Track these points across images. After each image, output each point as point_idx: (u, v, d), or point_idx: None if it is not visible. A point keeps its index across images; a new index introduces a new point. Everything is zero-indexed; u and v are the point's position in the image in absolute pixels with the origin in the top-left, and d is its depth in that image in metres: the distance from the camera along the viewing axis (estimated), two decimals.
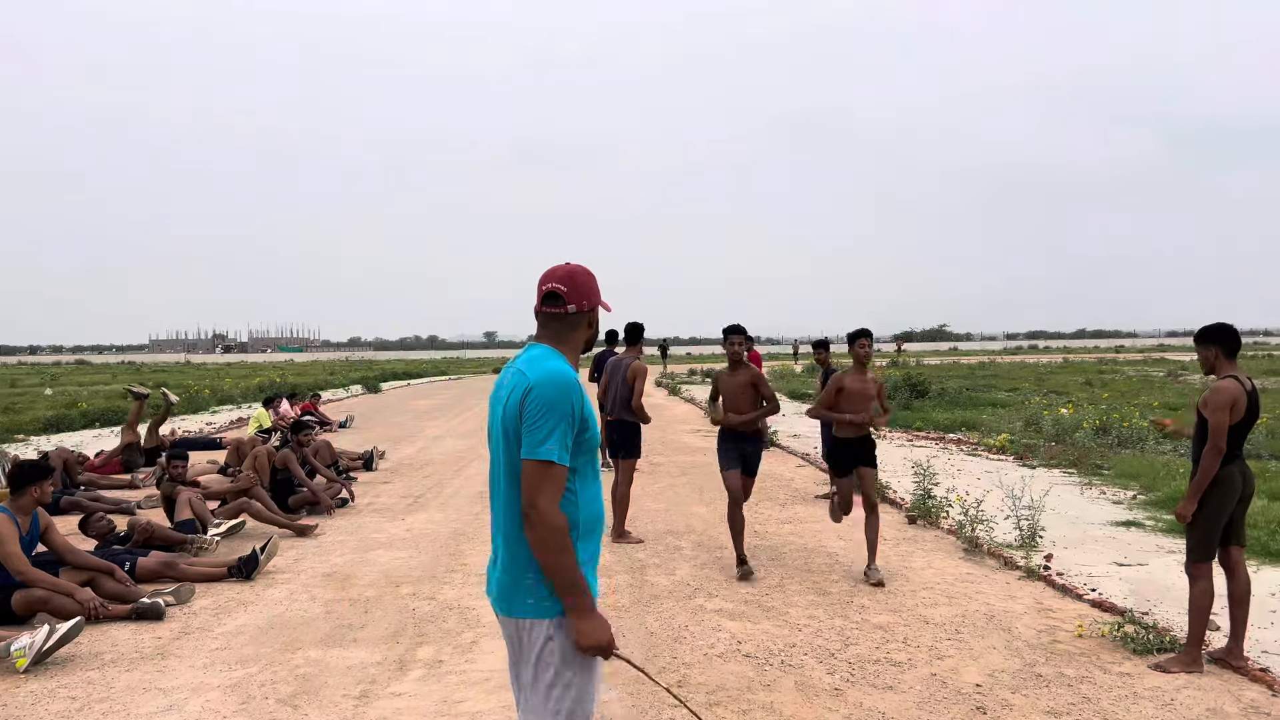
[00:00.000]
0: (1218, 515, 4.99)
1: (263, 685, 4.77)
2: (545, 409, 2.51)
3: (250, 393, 29.13)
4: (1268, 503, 8.86)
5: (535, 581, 2.55)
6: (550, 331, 2.72)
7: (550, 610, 2.54)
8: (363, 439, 16.33)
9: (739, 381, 7.03)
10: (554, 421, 2.50)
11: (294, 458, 9.61)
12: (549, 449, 2.49)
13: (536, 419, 2.50)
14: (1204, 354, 5.17)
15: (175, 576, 6.74)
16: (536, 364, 2.62)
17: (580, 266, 2.76)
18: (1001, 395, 24.35)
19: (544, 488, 2.48)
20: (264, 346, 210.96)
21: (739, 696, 4.60)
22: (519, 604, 2.57)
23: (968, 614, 5.95)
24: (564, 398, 2.53)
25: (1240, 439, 5.00)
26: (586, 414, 2.60)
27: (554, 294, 2.70)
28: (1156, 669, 4.91)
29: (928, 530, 8.56)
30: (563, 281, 2.70)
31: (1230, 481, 4.98)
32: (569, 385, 2.56)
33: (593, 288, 2.74)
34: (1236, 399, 4.93)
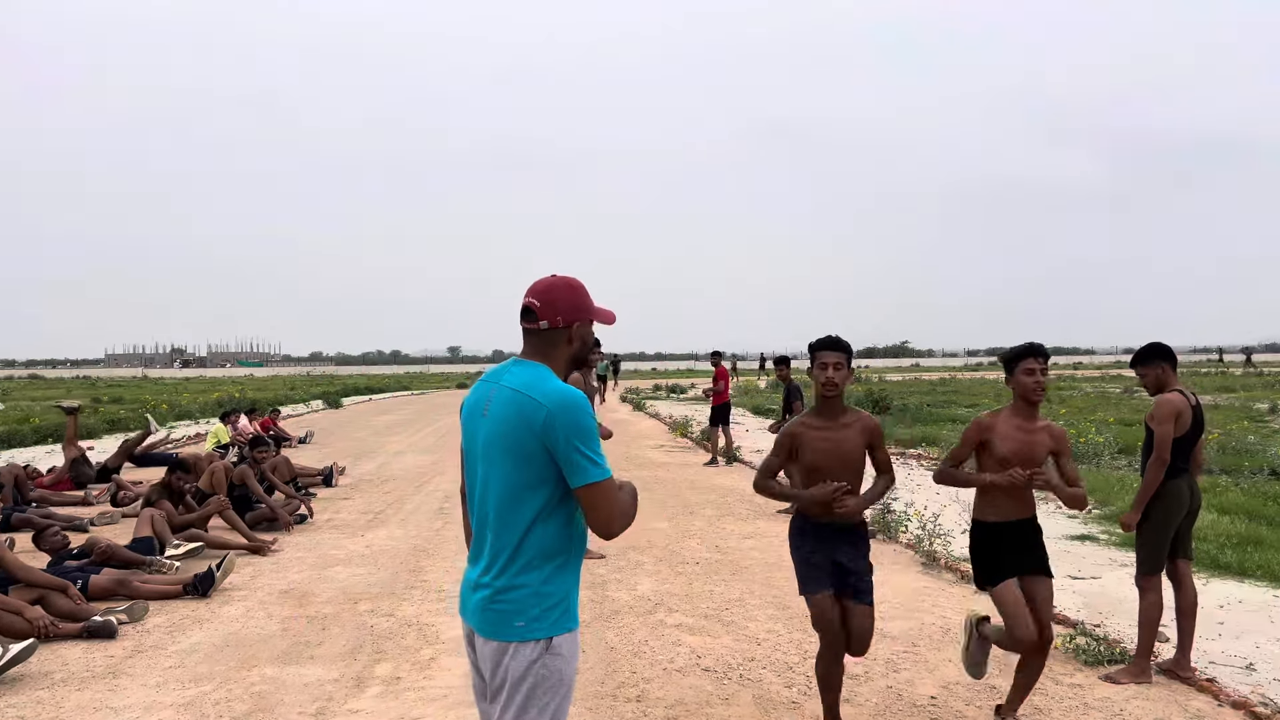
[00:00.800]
0: (1165, 528, 5.10)
1: (217, 704, 4.71)
2: (584, 430, 2.46)
3: (209, 408, 28.75)
4: (1217, 516, 9.05)
5: (524, 603, 2.48)
6: (531, 348, 2.64)
7: (539, 631, 2.47)
8: (323, 455, 16.18)
9: (844, 440, 4.13)
10: (590, 439, 2.47)
11: (252, 474, 9.52)
12: (600, 469, 2.45)
13: (576, 444, 2.44)
14: (1152, 373, 5.29)
15: (129, 594, 6.64)
16: (542, 385, 2.52)
17: (563, 279, 2.66)
18: (962, 411, 24.62)
19: (604, 502, 2.47)
20: (223, 361, 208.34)
21: (698, 710, 4.62)
22: (507, 627, 2.49)
23: (924, 627, 6.02)
24: (588, 414, 2.50)
25: (1186, 453, 5.12)
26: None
27: (529, 309, 2.62)
28: (1107, 680, 5.00)
29: (887, 544, 8.63)
30: (538, 296, 2.62)
31: (1178, 495, 5.09)
32: (585, 402, 2.51)
33: (574, 303, 2.63)
34: (1181, 411, 5.06)
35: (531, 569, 2.50)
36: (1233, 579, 7.27)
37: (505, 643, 2.49)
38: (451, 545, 8.51)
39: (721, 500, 11.23)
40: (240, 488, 9.42)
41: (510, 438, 2.52)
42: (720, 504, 10.95)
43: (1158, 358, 5.29)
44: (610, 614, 6.33)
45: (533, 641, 2.48)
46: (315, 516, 10.05)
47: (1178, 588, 5.19)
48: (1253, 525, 8.80)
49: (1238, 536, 8.25)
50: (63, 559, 7.13)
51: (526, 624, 2.48)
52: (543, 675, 2.47)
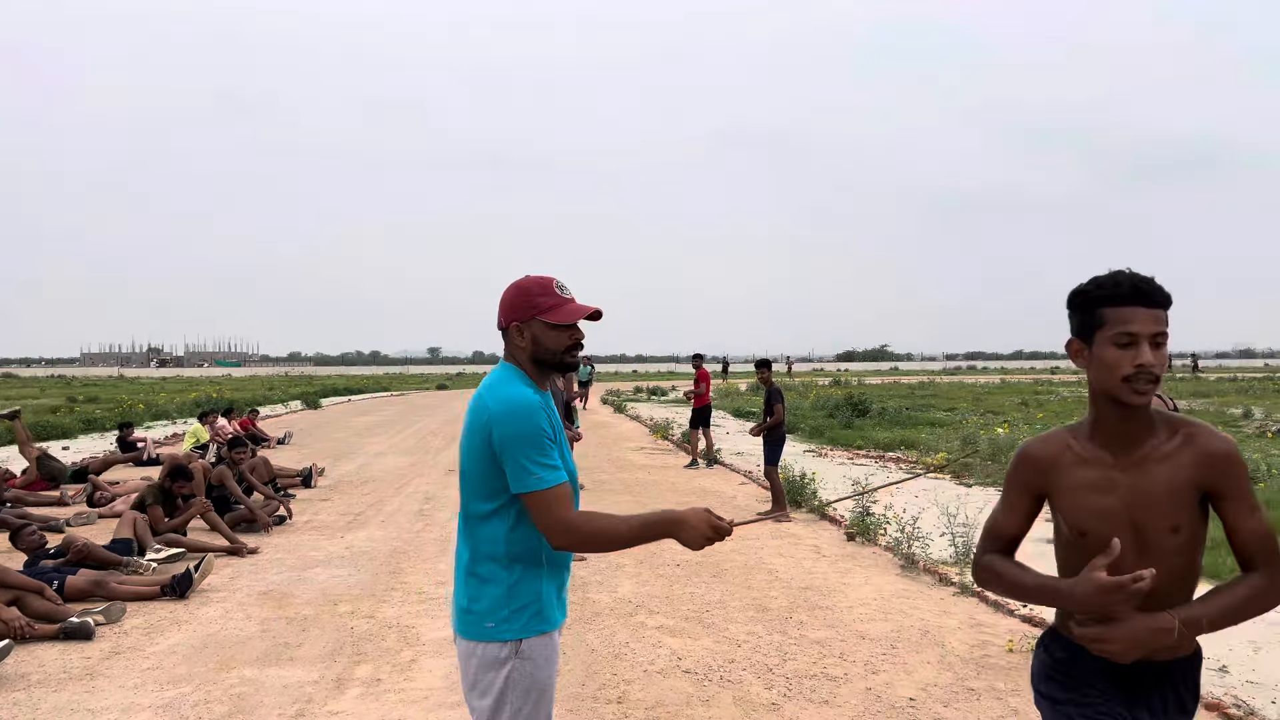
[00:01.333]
0: None
1: (196, 705, 4.69)
2: (523, 439, 2.42)
3: (186, 408, 28.56)
4: None
5: (494, 603, 2.48)
6: (505, 350, 2.67)
7: (506, 633, 2.47)
8: (302, 456, 16.10)
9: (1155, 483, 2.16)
10: (538, 447, 2.44)
11: (230, 474, 9.46)
12: (547, 477, 2.42)
13: (514, 449, 2.42)
14: None
15: (106, 595, 6.59)
16: (495, 389, 2.53)
17: (524, 279, 2.65)
18: (940, 415, 24.79)
19: (557, 512, 2.42)
20: (201, 361, 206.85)
21: (678, 712, 4.63)
22: (476, 627, 2.49)
23: (903, 629, 6.06)
24: (536, 421, 2.46)
25: None
26: (557, 432, 2.54)
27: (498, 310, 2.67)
28: None
29: (866, 547, 8.69)
30: (501, 297, 2.65)
31: None
32: (534, 408, 2.47)
33: (518, 302, 2.60)
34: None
35: (500, 570, 2.49)
36: (1206, 582, 7.32)
37: (474, 643, 2.50)
38: (431, 547, 8.49)
39: (702, 502, 11.23)
40: (219, 488, 9.37)
41: (467, 439, 2.54)
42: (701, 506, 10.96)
43: None
44: (591, 616, 6.34)
45: (500, 643, 2.47)
46: (294, 518, 10.00)
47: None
48: None
49: (1211, 540, 8.32)
50: (39, 559, 7.07)
51: (496, 625, 2.48)
52: (513, 679, 2.46)
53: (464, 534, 2.58)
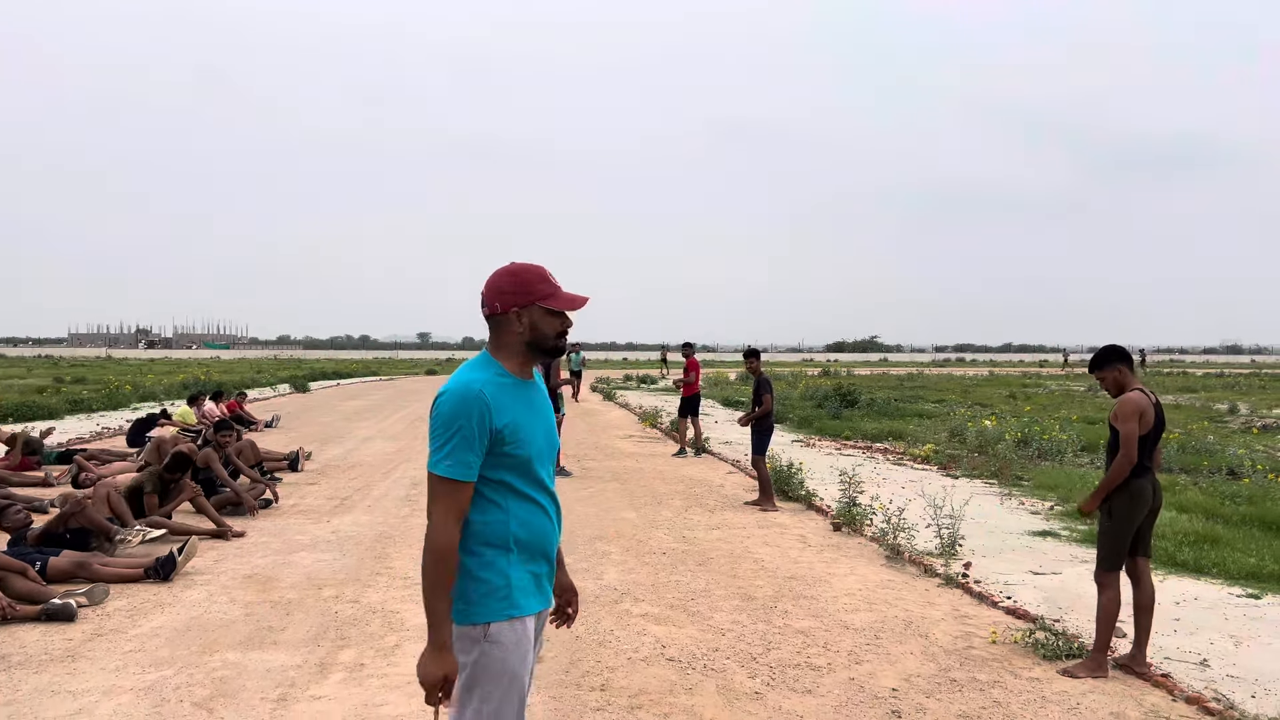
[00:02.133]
0: (1128, 525, 5.19)
1: (177, 688, 4.67)
2: (441, 421, 2.50)
3: (174, 389, 28.41)
4: (1175, 515, 9.20)
5: (460, 588, 2.51)
6: (490, 335, 2.68)
7: (476, 616, 2.49)
8: (289, 439, 16.05)
9: None
10: (448, 434, 2.47)
11: (216, 457, 9.42)
12: (439, 463, 2.47)
13: (434, 431, 2.51)
14: (1110, 375, 5.38)
15: (89, 576, 6.56)
16: (456, 374, 2.61)
17: (509, 265, 2.67)
18: (928, 406, 24.85)
19: (435, 502, 2.48)
20: (189, 343, 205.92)
21: (661, 700, 4.64)
22: (455, 610, 2.52)
23: (887, 620, 6.08)
24: (460, 410, 2.48)
25: (1149, 451, 5.21)
26: (499, 427, 2.51)
27: (481, 297, 2.66)
28: (1064, 674, 5.07)
29: (851, 537, 8.71)
30: (486, 284, 2.65)
31: (1142, 493, 5.18)
32: (467, 397, 2.49)
33: (508, 288, 2.61)
34: (1144, 409, 5.15)
35: (469, 554, 2.53)
36: (1189, 576, 7.40)
37: (454, 625, 2.54)
38: (418, 532, 8.47)
39: (689, 491, 11.27)
40: (204, 471, 9.32)
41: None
42: (688, 494, 10.99)
43: (1114, 360, 5.39)
44: None
45: (470, 625, 2.51)
46: (280, 501, 9.97)
47: (1136, 584, 5.28)
48: (1210, 524, 8.95)
49: (1195, 535, 8.39)
50: (23, 538, 7.03)
51: (465, 608, 2.52)
52: (482, 663, 2.50)
53: None
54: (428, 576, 2.45)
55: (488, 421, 2.49)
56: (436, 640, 2.45)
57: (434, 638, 2.46)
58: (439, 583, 2.45)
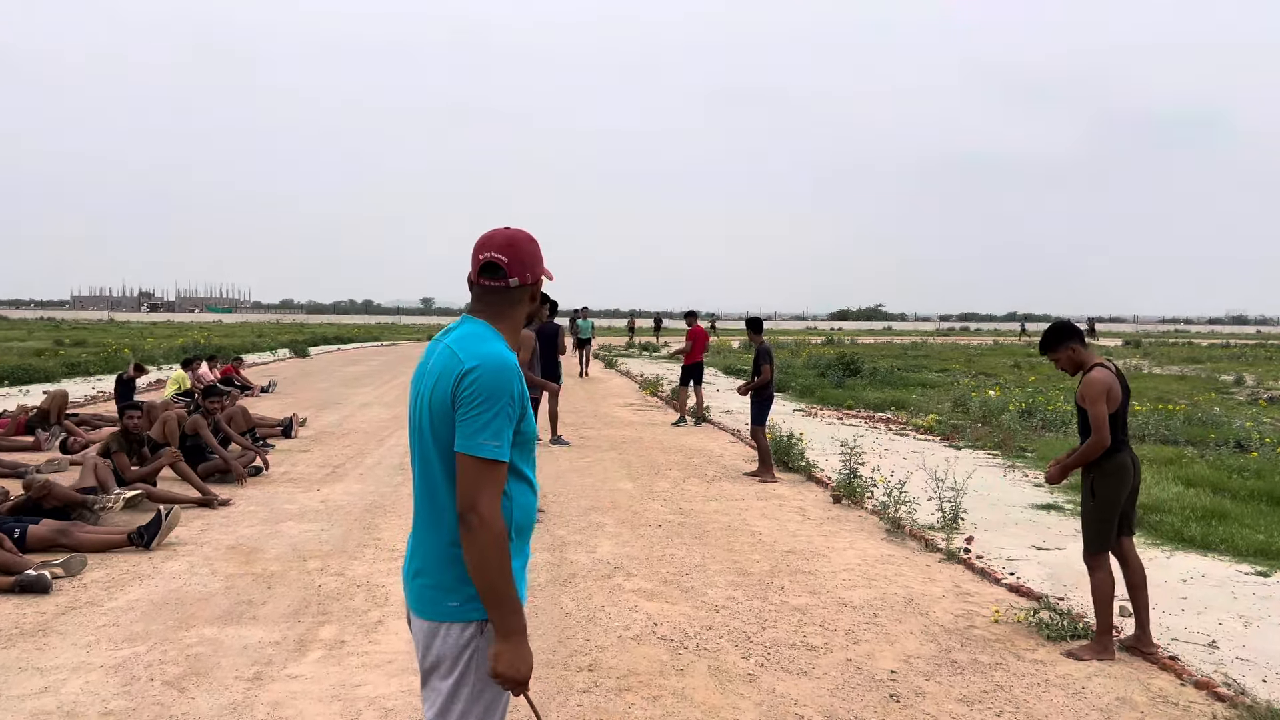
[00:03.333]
0: (1113, 505, 5.02)
1: (149, 665, 4.51)
2: (485, 397, 2.22)
3: (173, 353, 28.25)
4: (1182, 489, 9.01)
5: (459, 580, 2.28)
6: (487, 306, 2.42)
7: (474, 613, 2.28)
8: (285, 405, 15.88)
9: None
10: (494, 411, 2.23)
11: (204, 424, 9.24)
12: (489, 444, 2.21)
13: (474, 408, 2.23)
14: (1064, 355, 5.19)
15: (70, 545, 6.40)
16: (472, 344, 2.32)
17: (522, 232, 2.45)
18: (932, 376, 24.64)
19: (485, 487, 2.20)
20: (192, 306, 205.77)
21: (650, 682, 4.47)
22: (439, 606, 2.30)
23: (886, 597, 5.91)
24: (505, 384, 2.25)
25: (1123, 424, 5.03)
26: (526, 403, 2.34)
27: (493, 264, 2.38)
28: (1069, 656, 4.91)
29: (852, 510, 8.54)
30: (503, 250, 2.38)
31: (1123, 469, 5.01)
32: (510, 370, 2.28)
33: (536, 256, 2.42)
34: (1111, 386, 4.96)
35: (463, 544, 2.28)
36: (1196, 553, 7.22)
37: (437, 623, 2.30)
38: (409, 502, 8.28)
39: (688, 461, 11.10)
40: (193, 438, 9.15)
41: (436, 400, 2.32)
42: (686, 465, 10.81)
43: (1064, 338, 5.20)
44: (567, 578, 6.17)
45: (464, 623, 2.28)
46: (271, 469, 9.80)
47: (1124, 564, 5.13)
48: (1217, 498, 8.77)
49: (1202, 510, 8.21)
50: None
51: (461, 604, 2.28)
52: (477, 660, 2.28)
53: (426, 504, 2.36)
54: (497, 568, 2.20)
55: (519, 397, 2.30)
56: (519, 627, 2.24)
57: (515, 625, 2.23)
58: (508, 568, 2.23)
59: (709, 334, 18.36)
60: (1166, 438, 13.08)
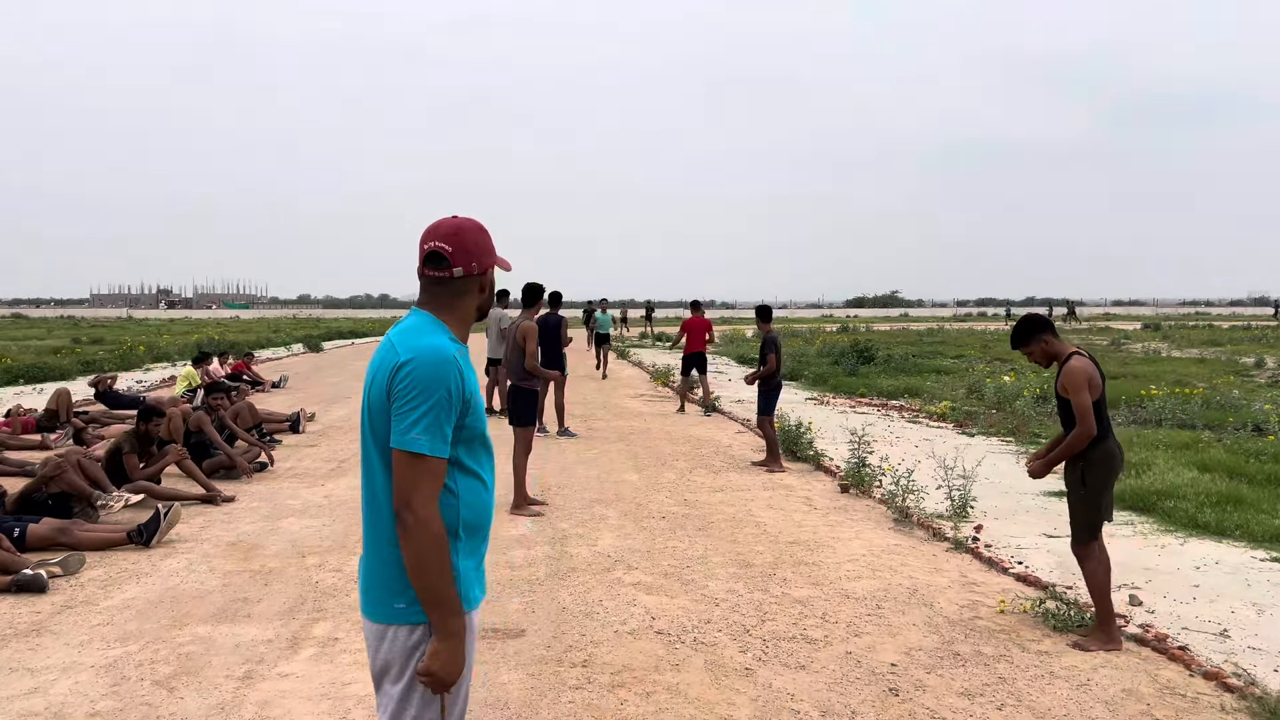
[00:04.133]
0: (1102, 493, 4.93)
1: (140, 665, 4.47)
2: (419, 390, 2.16)
3: (188, 350, 28.36)
4: (1197, 474, 8.85)
5: (404, 582, 2.20)
6: (432, 298, 2.35)
7: (419, 615, 2.20)
8: (295, 400, 15.88)
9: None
10: (428, 405, 2.15)
11: (208, 420, 9.22)
12: (421, 439, 2.14)
13: (407, 402, 2.16)
14: (1037, 348, 5.09)
15: (70, 543, 6.37)
16: (409, 337, 2.26)
17: (470, 221, 2.37)
18: (947, 362, 24.44)
19: (418, 484, 2.14)
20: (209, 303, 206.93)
21: (644, 677, 4.39)
22: (386, 608, 2.23)
23: (890, 588, 5.81)
24: (440, 377, 2.17)
25: (1103, 414, 4.93)
26: (468, 396, 2.25)
27: (437, 254, 2.31)
28: (1075, 646, 4.80)
29: (859, 499, 8.43)
30: (447, 240, 2.32)
31: (1112, 457, 4.94)
32: (445, 362, 2.19)
33: (485, 246, 2.36)
34: (1091, 374, 4.88)
35: None
36: (1211, 539, 7.08)
37: (384, 625, 2.23)
38: None
39: (695, 452, 11.01)
40: (197, 434, 9.14)
41: (374, 394, 2.25)
42: (694, 455, 10.73)
43: (1036, 331, 5.11)
44: (567, 571, 6.10)
45: (411, 625, 2.21)
46: (277, 464, 9.78)
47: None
48: (1233, 483, 8.61)
49: (1217, 495, 8.05)
50: (1, 504, 6.85)
51: (408, 605, 2.20)
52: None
53: (369, 502, 2.29)
54: (433, 567, 2.13)
55: (457, 390, 2.21)
56: (457, 629, 2.17)
57: (454, 627, 2.16)
58: (447, 568, 2.16)
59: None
60: (1184, 422, 12.88)
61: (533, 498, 8.04)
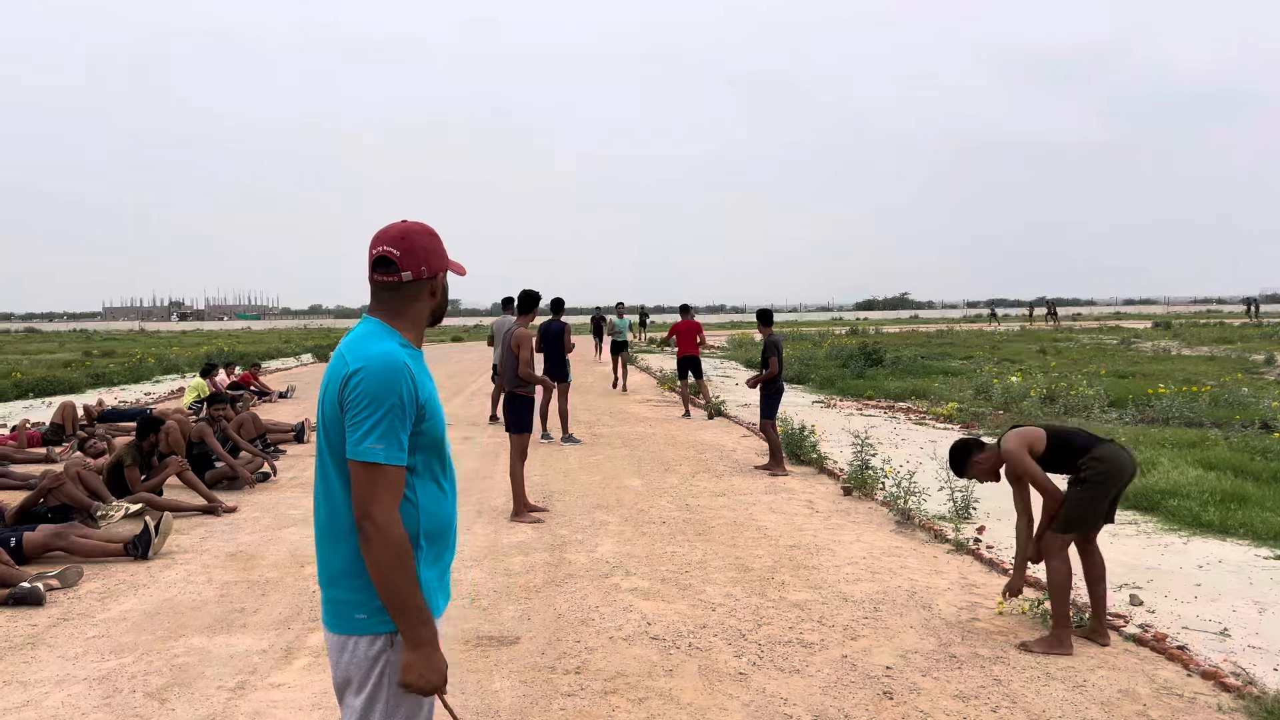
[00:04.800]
0: (1100, 497, 4.91)
1: (133, 677, 4.47)
2: (370, 399, 2.14)
3: (198, 361, 28.45)
4: (1202, 473, 8.78)
5: (364, 592, 2.18)
6: (381, 304, 2.33)
7: (381, 625, 2.19)
8: (302, 409, 15.91)
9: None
10: (380, 414, 2.13)
11: (210, 431, 9.25)
12: (376, 448, 2.12)
13: (360, 411, 2.14)
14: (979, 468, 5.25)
15: (66, 548, 6.39)
16: (359, 345, 2.24)
17: (418, 225, 2.36)
18: (955, 363, 24.33)
19: (377, 494, 2.12)
20: (221, 314, 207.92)
21: (638, 684, 4.38)
22: (346, 619, 2.21)
23: (889, 590, 5.78)
24: (392, 385, 2.15)
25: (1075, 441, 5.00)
26: (423, 402, 2.23)
27: (385, 259, 2.30)
28: (1021, 648, 4.78)
29: (862, 502, 8.40)
30: (395, 244, 2.30)
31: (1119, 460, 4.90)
32: (396, 369, 2.18)
33: (434, 249, 2.34)
34: (1022, 440, 5.00)
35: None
36: (1214, 537, 7.03)
37: (345, 636, 2.22)
38: None
39: (699, 457, 10.99)
40: (199, 445, 9.17)
41: (327, 404, 2.24)
42: (697, 460, 10.71)
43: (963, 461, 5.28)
44: (565, 578, 6.09)
45: (373, 636, 2.19)
46: (280, 474, 9.80)
47: (1086, 556, 5.01)
48: (1238, 481, 8.54)
49: (1222, 493, 7.99)
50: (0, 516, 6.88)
51: (368, 616, 2.19)
52: (389, 675, 2.18)
53: (325, 512, 2.27)
54: (398, 576, 2.11)
55: (409, 397, 2.20)
56: (428, 638, 2.16)
57: (424, 636, 2.15)
58: (413, 577, 2.14)
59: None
60: (1191, 420, 12.80)
61: (533, 505, 8.04)
